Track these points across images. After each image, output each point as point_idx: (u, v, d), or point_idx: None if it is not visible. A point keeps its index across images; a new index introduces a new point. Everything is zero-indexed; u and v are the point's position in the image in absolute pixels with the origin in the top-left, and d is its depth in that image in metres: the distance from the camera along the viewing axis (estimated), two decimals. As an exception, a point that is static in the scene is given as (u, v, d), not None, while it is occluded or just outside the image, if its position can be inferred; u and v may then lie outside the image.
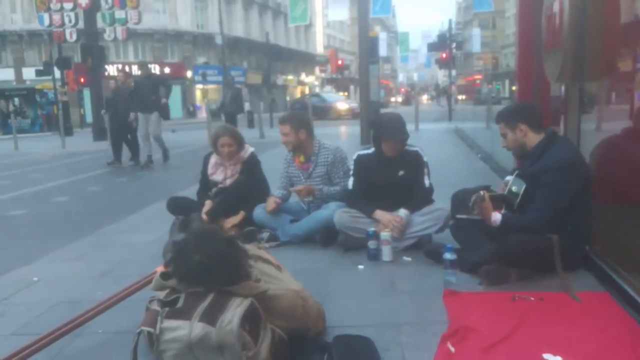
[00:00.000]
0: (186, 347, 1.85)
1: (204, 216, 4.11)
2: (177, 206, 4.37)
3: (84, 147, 15.73)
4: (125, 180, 8.62)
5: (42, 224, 5.66)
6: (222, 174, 4.39)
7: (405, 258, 3.48)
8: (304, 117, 4.27)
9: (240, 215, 4.16)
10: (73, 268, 3.77)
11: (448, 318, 2.53)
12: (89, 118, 22.25)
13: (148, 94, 9.55)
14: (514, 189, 3.17)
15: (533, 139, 3.11)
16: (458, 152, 9.82)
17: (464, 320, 2.45)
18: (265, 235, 4.00)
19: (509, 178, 3.33)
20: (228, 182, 4.36)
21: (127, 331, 2.58)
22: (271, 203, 4.09)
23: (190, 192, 6.70)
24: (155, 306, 1.97)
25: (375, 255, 3.46)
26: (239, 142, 4.34)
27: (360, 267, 3.39)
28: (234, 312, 1.91)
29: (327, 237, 3.83)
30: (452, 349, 2.20)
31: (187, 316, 1.89)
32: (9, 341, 2.59)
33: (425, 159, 3.77)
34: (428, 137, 12.76)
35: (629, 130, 3.02)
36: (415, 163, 3.76)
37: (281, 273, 2.41)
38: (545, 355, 2.10)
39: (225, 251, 2.03)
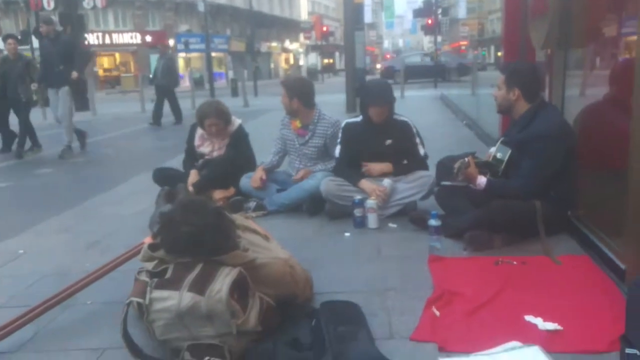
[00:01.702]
0: (176, 316, 1.88)
1: (190, 187, 4.11)
2: (163, 177, 4.35)
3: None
4: (110, 151, 8.54)
5: (26, 197, 5.61)
6: (209, 147, 4.37)
7: (390, 225, 3.52)
8: (303, 87, 4.15)
9: (231, 190, 4.17)
10: (59, 240, 3.76)
11: (433, 283, 2.58)
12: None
13: (55, 62, 7.44)
14: (498, 155, 3.20)
15: (522, 106, 3.12)
16: (443, 119, 9.84)
17: (449, 285, 2.51)
18: (252, 204, 4.01)
19: (493, 150, 3.36)
20: (215, 154, 4.34)
21: (116, 302, 2.59)
22: (257, 180, 4.08)
23: (178, 159, 6.72)
24: (144, 277, 1.98)
25: (361, 223, 3.49)
26: (226, 119, 4.30)
27: (347, 234, 3.43)
28: (223, 281, 1.93)
29: (314, 205, 3.85)
30: (437, 313, 2.25)
31: (176, 286, 1.90)
32: (-3, 313, 2.60)
33: (414, 129, 3.78)
34: (414, 104, 12.75)
35: (612, 96, 3.04)
36: (403, 132, 3.77)
37: (269, 242, 2.43)
38: (526, 317, 2.15)
39: (213, 221, 2.04)
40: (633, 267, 2.36)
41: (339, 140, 3.91)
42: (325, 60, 50.68)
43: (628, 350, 1.36)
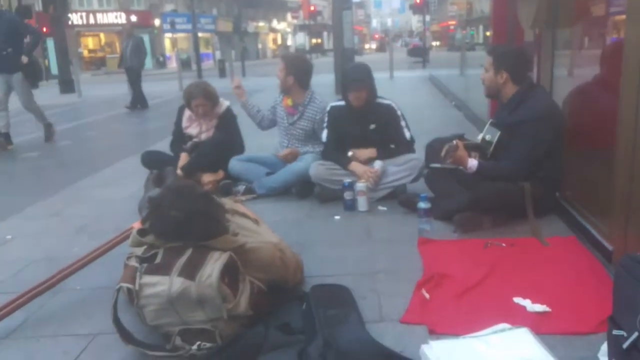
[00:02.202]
0: (166, 302, 1.87)
1: (179, 171, 4.08)
2: (152, 160, 4.32)
3: (51, 100, 15.28)
4: (95, 134, 8.45)
5: (12, 182, 5.55)
6: (197, 128, 4.33)
7: (380, 208, 3.53)
8: (302, 66, 4.09)
9: (220, 174, 4.15)
10: (48, 225, 3.73)
11: (423, 265, 2.60)
12: (54, 70, 21.49)
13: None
14: (487, 137, 3.21)
15: (510, 89, 3.12)
16: (432, 100, 9.84)
17: (439, 267, 2.52)
18: (241, 188, 4.00)
19: (480, 136, 3.36)
20: (203, 136, 4.31)
21: (105, 287, 2.59)
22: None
23: (166, 142, 6.67)
24: (133, 262, 1.97)
25: (351, 206, 3.50)
26: (213, 100, 4.26)
27: (337, 217, 3.43)
28: (213, 266, 1.92)
29: (304, 189, 3.85)
30: (427, 296, 2.27)
31: (166, 271, 1.90)
32: (-14, 300, 2.58)
33: (399, 112, 3.77)
34: (402, 85, 12.75)
35: (601, 77, 3.04)
36: (387, 116, 3.76)
37: (259, 226, 2.42)
38: (515, 299, 2.18)
39: (202, 206, 2.03)
40: (619, 248, 2.38)
41: (325, 124, 3.90)
42: (314, 40, 50.27)
43: (615, 332, 1.38)
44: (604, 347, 1.74)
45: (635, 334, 1.30)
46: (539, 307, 2.08)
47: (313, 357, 1.76)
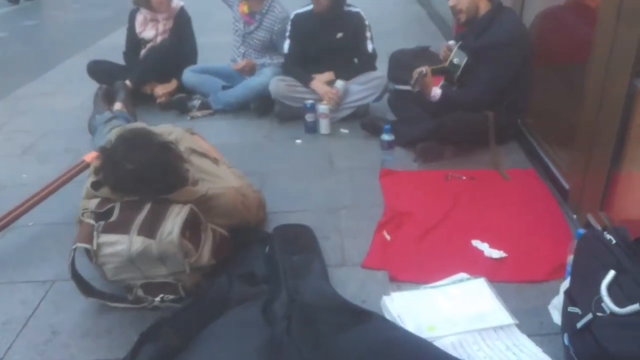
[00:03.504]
0: (127, 260, 1.82)
1: (128, 82, 3.84)
2: (99, 71, 4.03)
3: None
4: (34, 24, 7.78)
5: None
6: (153, 30, 4.02)
7: (342, 130, 3.46)
8: None
9: (173, 84, 3.94)
10: (-8, 142, 3.53)
11: (384, 201, 2.61)
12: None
13: None
14: (455, 61, 3.11)
15: (484, 6, 2.97)
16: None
17: (399, 203, 2.54)
18: (196, 102, 3.82)
19: (452, 43, 3.25)
20: (159, 39, 4.01)
21: (59, 222, 2.53)
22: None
23: (114, 37, 6.26)
24: (88, 219, 1.88)
25: (312, 128, 3.42)
26: None
27: (298, 141, 3.35)
28: (174, 221, 1.86)
29: (263, 105, 3.72)
30: (388, 237, 2.30)
31: (124, 230, 1.82)
32: None
33: (366, 22, 3.57)
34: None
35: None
36: (355, 25, 3.57)
37: (218, 167, 2.34)
38: (473, 242, 2.23)
39: (160, 157, 1.92)
40: (576, 188, 2.44)
41: (287, 33, 3.67)
42: None
43: (570, 309, 1.43)
44: (555, 301, 1.83)
45: (589, 316, 1.35)
46: (496, 253, 2.14)
47: (278, 315, 1.78)
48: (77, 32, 7.11)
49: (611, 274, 1.40)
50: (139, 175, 1.88)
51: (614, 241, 1.46)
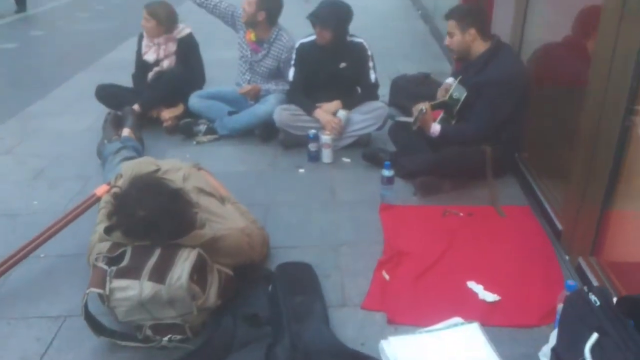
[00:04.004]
0: (137, 304, 1.91)
1: (136, 106, 3.94)
2: (107, 95, 4.12)
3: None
4: (41, 34, 7.88)
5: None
6: (154, 54, 4.12)
7: (344, 159, 3.56)
8: (277, 1, 3.85)
9: (180, 108, 4.04)
10: (3, 165, 3.62)
11: (384, 237, 2.70)
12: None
13: None
14: (455, 95, 3.20)
15: (479, 46, 3.08)
16: (398, 5, 9.46)
17: (398, 241, 2.63)
18: (202, 127, 3.92)
19: (450, 80, 3.35)
20: (165, 64, 4.10)
21: (70, 254, 2.62)
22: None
23: (120, 51, 6.36)
24: (101, 264, 1.98)
25: (315, 157, 3.51)
26: (161, 21, 4.00)
27: (301, 170, 3.45)
28: (182, 266, 1.95)
29: (267, 132, 3.82)
30: (387, 277, 2.39)
31: (135, 275, 1.92)
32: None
33: (369, 52, 3.67)
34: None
35: (571, 39, 3.01)
36: (358, 55, 3.67)
37: (224, 206, 2.43)
38: (469, 284, 2.32)
39: (170, 204, 2.01)
40: (568, 229, 2.53)
41: (292, 62, 3.77)
42: None
43: (557, 366, 1.52)
44: (545, 348, 1.92)
45: (574, 377, 1.44)
46: (490, 297, 2.23)
47: (280, 359, 1.88)
48: (83, 44, 7.20)
49: (594, 336, 1.48)
50: (150, 222, 1.97)
51: (597, 303, 1.54)
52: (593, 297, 1.57)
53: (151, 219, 1.97)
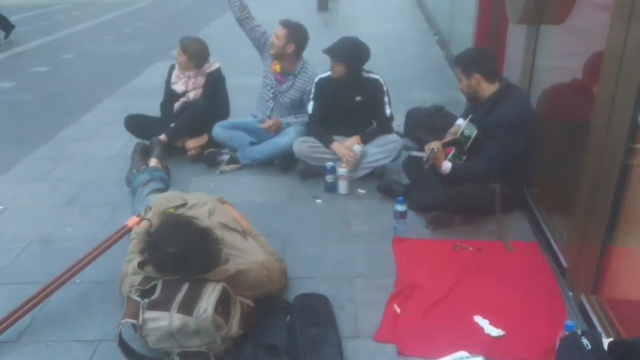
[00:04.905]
0: (167, 334, 2.09)
1: (163, 137, 4.16)
2: (135, 126, 4.36)
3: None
4: (71, 58, 8.22)
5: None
6: (183, 86, 4.35)
7: (360, 191, 3.72)
8: (305, 35, 4.07)
9: (204, 138, 4.24)
10: (38, 192, 3.85)
11: (396, 270, 2.85)
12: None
13: None
14: (466, 132, 3.36)
15: (487, 88, 3.23)
16: (416, 30, 9.65)
17: (410, 274, 2.78)
18: (225, 157, 4.12)
19: (460, 122, 3.50)
20: (192, 95, 4.32)
21: (103, 281, 2.81)
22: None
23: (146, 77, 6.64)
24: (135, 296, 2.16)
25: (332, 188, 3.69)
26: (193, 57, 4.24)
27: (318, 201, 3.62)
28: (208, 300, 2.13)
29: (287, 162, 4.00)
30: (398, 310, 2.54)
31: (166, 307, 2.10)
32: (-9, 292, 2.77)
33: (385, 88, 3.85)
34: (385, 3, 12.42)
35: (579, 81, 3.15)
36: (374, 90, 3.85)
37: (246, 241, 2.61)
38: (476, 318, 2.46)
39: (199, 243, 2.20)
40: (572, 266, 2.65)
41: (312, 96, 3.97)
42: None
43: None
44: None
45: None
46: (495, 332, 2.37)
47: (297, 389, 2.04)
48: (111, 67, 7.52)
49: (585, 379, 1.62)
50: (180, 259, 2.16)
51: (589, 347, 1.68)
52: (585, 341, 1.71)
53: (181, 256, 2.16)
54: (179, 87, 4.35)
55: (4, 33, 8.44)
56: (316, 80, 3.97)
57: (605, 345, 1.69)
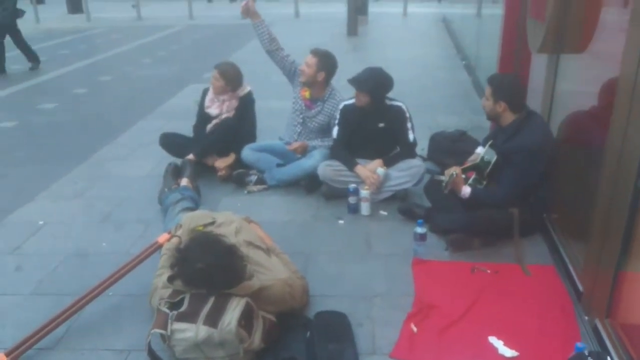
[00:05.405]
0: (193, 344, 2.23)
1: (191, 156, 4.35)
2: (169, 143, 4.57)
3: (60, 22, 15.11)
4: (109, 80, 8.57)
5: (35, 141, 5.77)
6: (217, 109, 4.54)
7: (382, 212, 3.83)
8: (334, 62, 4.26)
9: (231, 157, 4.41)
10: (74, 209, 4.04)
11: (414, 290, 2.93)
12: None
13: None
14: (486, 158, 3.44)
15: (509, 117, 3.32)
16: (443, 54, 9.79)
17: (428, 295, 2.86)
18: (253, 178, 4.28)
19: (479, 150, 3.59)
20: (224, 116, 4.52)
21: (134, 294, 2.95)
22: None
23: (179, 98, 6.91)
24: (164, 308, 2.31)
25: (354, 209, 3.80)
26: (229, 82, 4.43)
27: (341, 221, 3.73)
28: (232, 314, 2.26)
29: (311, 184, 4.13)
30: (415, 329, 2.62)
31: (193, 319, 2.24)
32: (29, 302, 2.94)
33: (407, 114, 3.96)
34: (414, 27, 12.58)
35: (596, 109, 3.21)
36: (396, 117, 3.97)
37: (270, 258, 2.73)
38: (490, 339, 2.52)
39: (226, 260, 2.34)
40: (588, 290, 2.70)
41: (336, 121, 4.11)
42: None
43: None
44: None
45: None
46: (509, 352, 2.43)
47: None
48: (146, 89, 7.82)
49: (590, 398, 1.69)
50: (207, 274, 2.30)
51: (596, 367, 1.75)
52: (592, 361, 1.77)
53: (208, 271, 2.30)
54: (213, 110, 4.54)
55: (30, 64, 8.97)
56: (340, 106, 4.11)
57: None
